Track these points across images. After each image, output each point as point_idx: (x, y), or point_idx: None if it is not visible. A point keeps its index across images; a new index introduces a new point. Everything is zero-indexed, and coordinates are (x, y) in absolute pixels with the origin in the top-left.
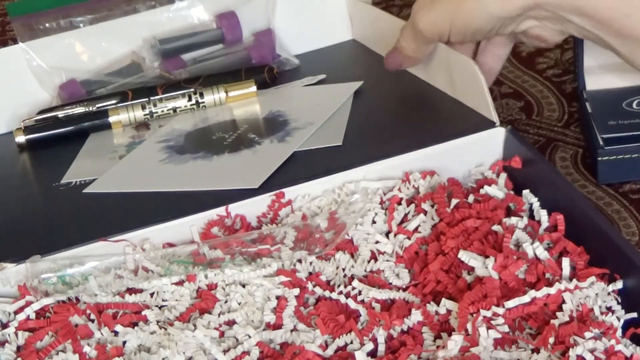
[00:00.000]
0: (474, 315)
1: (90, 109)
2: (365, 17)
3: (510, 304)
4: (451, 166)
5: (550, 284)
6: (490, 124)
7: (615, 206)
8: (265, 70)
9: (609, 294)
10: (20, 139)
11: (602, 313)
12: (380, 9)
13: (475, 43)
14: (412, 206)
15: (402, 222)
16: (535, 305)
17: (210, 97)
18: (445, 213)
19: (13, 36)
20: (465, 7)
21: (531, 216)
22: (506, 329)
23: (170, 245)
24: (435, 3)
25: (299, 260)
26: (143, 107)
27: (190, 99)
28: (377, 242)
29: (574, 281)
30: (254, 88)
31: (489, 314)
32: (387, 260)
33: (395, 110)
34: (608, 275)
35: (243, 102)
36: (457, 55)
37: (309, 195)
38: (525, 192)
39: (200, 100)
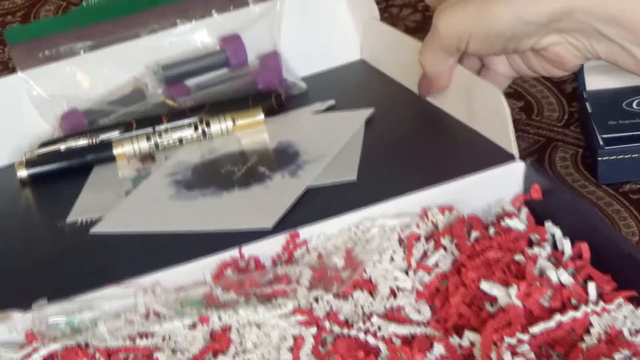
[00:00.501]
0: (498, 343)
1: (94, 140)
2: (374, 36)
3: (535, 329)
4: (470, 201)
5: (576, 308)
6: (509, 157)
7: (615, 206)
8: (272, 97)
9: (637, 316)
10: (22, 173)
11: (631, 334)
12: (380, 9)
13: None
14: (432, 242)
15: (421, 259)
16: (562, 330)
17: (217, 126)
18: (466, 246)
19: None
20: (492, 8)
21: (554, 247)
22: (532, 356)
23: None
24: (459, 4)
25: (316, 299)
26: (148, 138)
27: (196, 129)
28: (396, 278)
29: (601, 304)
30: (261, 116)
31: (513, 341)
32: (407, 297)
33: (410, 141)
34: (637, 299)
35: (251, 131)
36: (481, 83)
37: (325, 234)
38: (548, 223)
39: (206, 130)
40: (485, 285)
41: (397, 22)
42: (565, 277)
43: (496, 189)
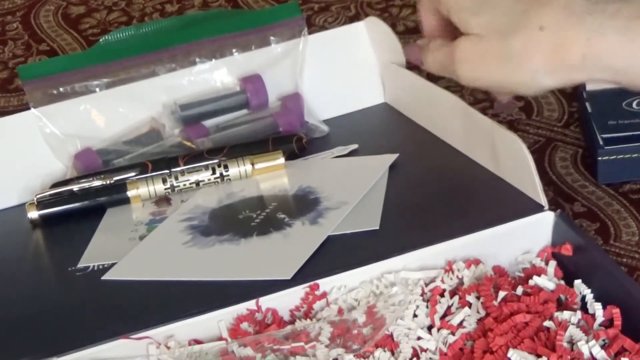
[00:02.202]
0: None
1: (108, 182)
2: (398, 81)
3: None
4: (496, 252)
5: None
6: (538, 208)
7: (615, 206)
8: (293, 140)
9: None
10: (33, 214)
11: None
12: (380, 9)
13: None
14: (456, 298)
15: (445, 315)
16: None
17: (235, 169)
18: (493, 307)
19: (13, 36)
20: (517, 78)
21: (583, 306)
22: None
23: (197, 342)
24: (483, 62)
25: (336, 359)
26: (164, 181)
27: (214, 172)
28: (419, 338)
29: None
30: (281, 160)
31: None
32: (431, 358)
33: (435, 189)
34: None
35: (270, 175)
36: (502, 132)
37: (345, 286)
38: (577, 282)
39: (224, 173)
40: (513, 355)
41: (397, 22)
42: (597, 350)
43: (524, 240)
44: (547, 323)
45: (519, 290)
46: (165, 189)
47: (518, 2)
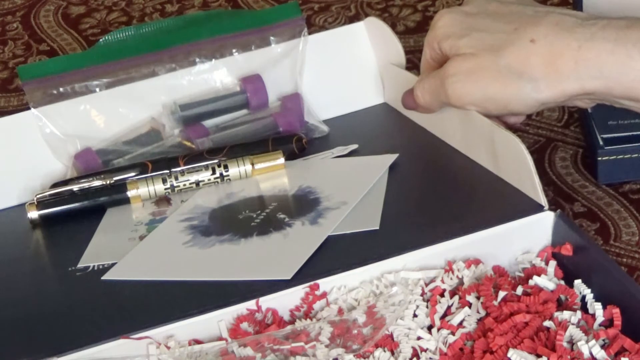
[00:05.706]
0: None
1: (108, 182)
2: (398, 81)
3: None
4: (496, 252)
5: None
6: (538, 208)
7: (615, 206)
8: (293, 141)
9: None
10: (33, 214)
11: None
12: (380, 9)
13: None
14: (456, 298)
15: (445, 315)
16: None
17: (235, 169)
18: (493, 307)
19: (13, 36)
20: (511, 90)
21: (583, 306)
22: None
23: (197, 342)
24: (474, 75)
25: (336, 359)
26: (164, 181)
27: (214, 172)
28: (419, 338)
29: None
30: (281, 160)
31: None
32: (430, 358)
33: (435, 189)
34: None
35: (270, 175)
36: (501, 133)
37: (345, 286)
38: (577, 282)
39: (224, 173)
40: (513, 355)
41: (397, 22)
42: (597, 350)
43: (524, 239)
44: (547, 323)
45: (519, 290)
46: (165, 189)
47: (508, 23)
